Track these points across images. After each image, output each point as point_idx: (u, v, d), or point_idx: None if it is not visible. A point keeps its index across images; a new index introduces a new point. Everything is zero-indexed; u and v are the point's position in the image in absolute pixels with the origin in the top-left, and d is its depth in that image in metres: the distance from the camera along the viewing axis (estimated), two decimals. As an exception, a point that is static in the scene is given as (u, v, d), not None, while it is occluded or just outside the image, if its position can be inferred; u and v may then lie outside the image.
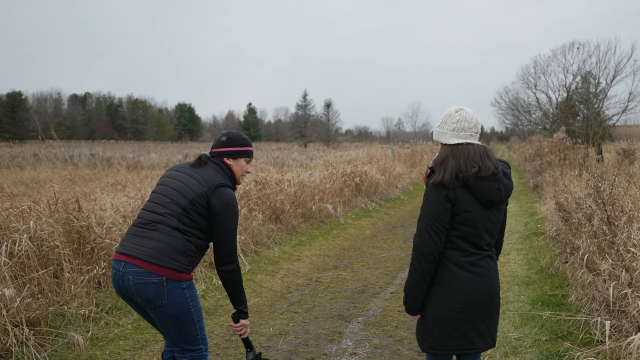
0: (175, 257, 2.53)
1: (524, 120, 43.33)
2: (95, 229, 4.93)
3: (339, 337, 4.22)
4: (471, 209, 2.37)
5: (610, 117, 34.73)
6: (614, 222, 4.48)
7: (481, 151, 2.41)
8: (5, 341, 3.52)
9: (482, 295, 2.41)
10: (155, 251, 2.51)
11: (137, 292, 2.50)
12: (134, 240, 2.58)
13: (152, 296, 2.50)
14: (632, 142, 12.32)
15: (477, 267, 2.41)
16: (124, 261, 2.53)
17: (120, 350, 3.89)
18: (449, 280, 2.41)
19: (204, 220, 2.62)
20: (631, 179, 6.53)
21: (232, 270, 2.66)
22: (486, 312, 2.45)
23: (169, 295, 2.51)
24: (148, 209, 2.66)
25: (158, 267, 2.49)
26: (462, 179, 2.34)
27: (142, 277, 2.49)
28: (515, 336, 4.05)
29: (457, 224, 2.38)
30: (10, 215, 4.41)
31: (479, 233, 2.40)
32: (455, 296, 2.40)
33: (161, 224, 2.57)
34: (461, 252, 2.40)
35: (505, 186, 2.42)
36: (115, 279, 2.57)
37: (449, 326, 2.41)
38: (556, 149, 14.18)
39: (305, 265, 6.65)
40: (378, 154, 18.62)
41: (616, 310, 3.61)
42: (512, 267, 6.19)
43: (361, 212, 10.93)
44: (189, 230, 2.58)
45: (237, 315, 2.77)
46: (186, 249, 2.57)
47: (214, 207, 2.59)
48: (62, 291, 4.26)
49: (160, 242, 2.53)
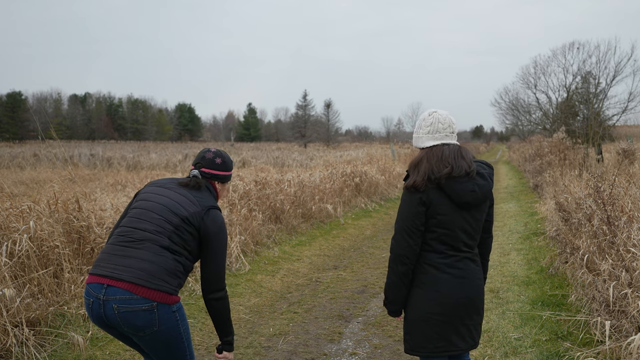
0: (166, 278, 2.28)
1: (524, 120, 43.33)
2: (95, 229, 4.93)
3: (339, 337, 4.22)
4: (446, 211, 2.35)
5: (610, 117, 34.72)
6: (614, 222, 4.48)
7: (455, 151, 2.39)
8: (5, 341, 3.52)
9: (460, 297, 2.40)
10: (144, 272, 2.23)
11: (124, 321, 2.21)
12: (116, 260, 2.27)
13: (142, 325, 2.22)
14: (632, 142, 12.32)
15: (455, 268, 2.39)
16: (106, 284, 2.21)
17: (120, 350, 3.89)
18: (427, 282, 2.40)
19: (194, 241, 2.41)
20: (631, 179, 6.53)
21: (220, 298, 2.47)
22: (466, 314, 2.43)
23: (160, 321, 2.25)
24: (131, 225, 2.37)
25: (148, 290, 2.21)
26: (434, 181, 2.32)
27: (130, 305, 2.19)
28: (515, 336, 4.05)
29: (433, 226, 2.37)
30: (10, 215, 4.41)
31: (456, 235, 2.38)
32: (433, 298, 2.39)
33: (149, 242, 2.31)
34: (438, 254, 2.39)
35: (481, 187, 2.38)
36: (93, 308, 2.23)
37: (428, 328, 2.41)
38: (556, 149, 14.18)
39: (305, 265, 6.65)
40: (378, 154, 18.62)
41: (616, 310, 3.61)
42: (512, 267, 6.19)
43: (361, 212, 10.93)
44: (179, 251, 2.36)
45: (222, 347, 2.53)
46: (176, 269, 2.33)
47: (209, 229, 2.41)
48: (62, 291, 4.26)
49: (149, 262, 2.26)
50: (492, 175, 2.48)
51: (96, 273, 2.28)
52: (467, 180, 2.35)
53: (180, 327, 2.34)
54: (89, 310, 2.28)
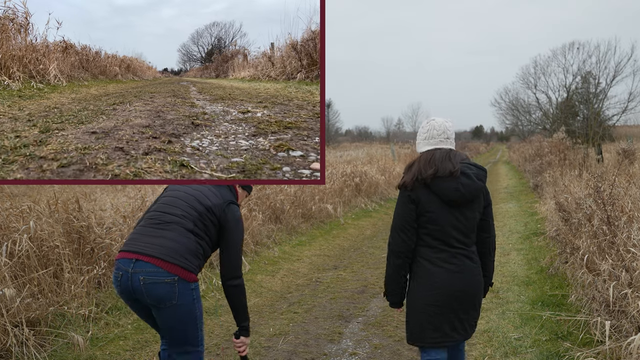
0: (188, 257, 2.54)
1: (524, 120, 43.37)
2: (95, 229, 4.93)
3: (339, 337, 4.22)
4: (434, 208, 2.55)
5: (610, 117, 34.73)
6: (614, 222, 4.48)
7: (444, 154, 2.59)
8: (5, 341, 3.52)
9: (454, 290, 2.56)
10: (170, 250, 2.51)
11: (148, 292, 2.47)
12: (145, 239, 2.56)
13: (163, 296, 2.47)
14: (632, 142, 12.32)
15: (449, 263, 2.57)
16: (135, 259, 2.49)
17: (120, 350, 3.89)
18: (421, 275, 2.60)
19: (214, 229, 2.67)
20: (631, 179, 6.53)
21: (237, 285, 2.69)
22: (460, 307, 2.58)
23: (179, 295, 2.49)
24: (161, 210, 2.68)
25: (172, 265, 2.48)
26: (421, 180, 2.54)
27: (155, 277, 2.46)
28: (515, 336, 4.05)
29: (424, 222, 2.57)
30: (10, 215, 4.41)
31: (446, 230, 2.56)
32: (426, 290, 2.58)
33: (176, 225, 2.59)
34: (431, 249, 2.59)
35: (466, 186, 2.53)
36: (122, 281, 2.51)
37: (423, 319, 2.59)
38: (556, 149, 14.18)
39: (305, 265, 6.65)
40: (378, 154, 18.61)
41: (616, 311, 3.61)
42: (512, 267, 6.19)
43: (361, 212, 10.93)
44: (201, 235, 2.62)
45: (239, 333, 2.76)
46: (197, 251, 2.59)
47: (228, 221, 2.68)
48: (62, 291, 4.26)
49: (175, 241, 2.54)
50: (482, 176, 2.62)
51: (126, 250, 2.55)
52: (451, 180, 2.53)
53: (195, 305, 2.57)
54: (117, 283, 2.54)
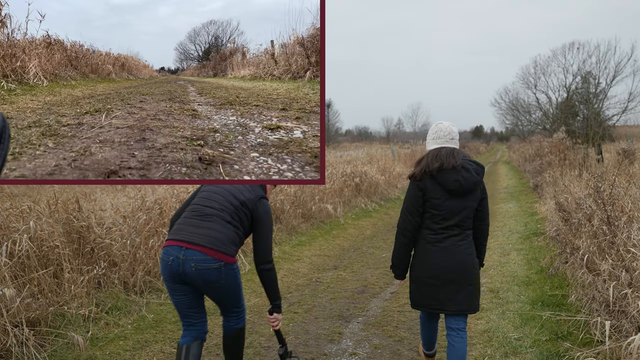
0: (229, 245, 2.93)
1: (524, 120, 43.37)
2: (95, 229, 4.93)
3: (339, 337, 4.22)
4: (438, 196, 3.03)
5: (610, 117, 34.72)
6: (614, 222, 4.48)
7: (449, 152, 3.07)
8: (5, 341, 3.52)
9: (445, 265, 3.04)
10: (215, 239, 2.89)
11: (200, 277, 2.86)
12: (191, 229, 2.93)
13: (213, 279, 2.89)
14: (632, 142, 12.32)
15: (444, 243, 3.05)
16: (185, 247, 2.85)
17: (120, 350, 3.89)
18: (422, 253, 3.11)
19: (247, 220, 3.06)
20: (631, 179, 6.53)
21: (269, 269, 3.07)
22: (455, 281, 3.05)
23: (225, 276, 2.91)
24: (201, 204, 3.05)
25: (217, 253, 2.86)
26: (428, 172, 3.04)
27: (205, 264, 2.84)
28: (515, 336, 4.05)
29: (428, 208, 3.07)
30: (10, 215, 4.41)
31: (446, 216, 3.04)
32: (425, 265, 3.09)
33: (217, 217, 2.98)
34: (431, 231, 3.08)
35: (465, 178, 3.01)
36: (172, 265, 2.86)
37: (423, 288, 3.11)
38: (556, 149, 14.17)
39: (305, 265, 6.65)
40: (378, 154, 18.60)
41: (616, 311, 3.61)
42: (512, 267, 6.19)
43: (361, 212, 10.93)
44: (237, 225, 3.01)
45: (272, 310, 3.16)
46: (235, 239, 2.98)
47: (259, 213, 3.06)
48: (62, 291, 4.26)
49: (218, 231, 2.93)
50: (480, 171, 3.09)
51: (175, 238, 2.91)
52: (453, 173, 3.01)
53: (238, 280, 3.03)
54: (167, 266, 2.90)
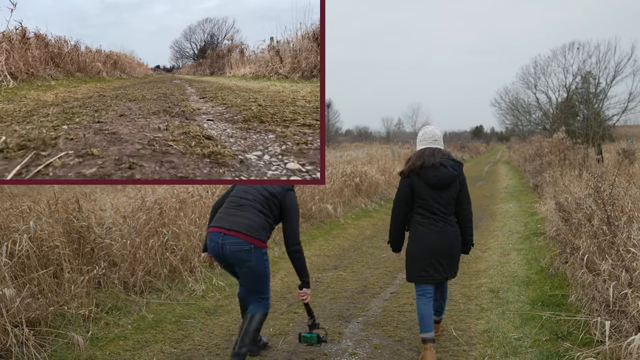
0: (260, 231, 3.44)
1: (524, 120, 43.36)
2: (95, 229, 4.93)
3: (339, 337, 4.22)
4: (422, 190, 3.68)
5: (610, 117, 34.71)
6: (614, 222, 4.48)
7: (431, 151, 3.70)
8: (5, 341, 3.52)
9: (433, 244, 3.69)
10: (247, 226, 3.40)
11: (233, 256, 3.39)
12: (229, 217, 3.46)
13: (244, 259, 3.39)
14: (632, 142, 12.31)
15: (432, 226, 3.70)
16: (223, 233, 3.40)
17: (120, 350, 3.89)
18: (414, 233, 3.77)
19: (277, 209, 3.57)
20: (631, 179, 6.53)
21: (297, 250, 3.57)
22: (438, 256, 3.71)
23: (255, 258, 3.40)
24: (238, 195, 3.58)
25: (249, 237, 3.38)
26: (414, 170, 3.68)
27: (238, 246, 3.37)
28: (515, 336, 4.05)
29: (417, 198, 3.72)
30: (10, 215, 4.41)
31: (430, 204, 3.69)
32: (417, 243, 3.74)
33: (250, 207, 3.49)
34: (421, 216, 3.74)
35: (443, 174, 3.65)
36: (215, 249, 3.44)
37: (415, 262, 3.76)
38: (556, 149, 14.17)
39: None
40: (378, 154, 18.59)
41: (616, 311, 3.61)
42: (512, 267, 6.19)
43: (361, 212, 10.93)
44: (268, 214, 3.52)
45: (302, 285, 3.65)
46: (265, 226, 3.49)
47: (286, 204, 3.58)
48: (62, 291, 4.26)
49: (250, 219, 3.44)
50: (457, 167, 3.72)
51: (216, 225, 3.47)
52: (433, 170, 3.65)
53: (265, 264, 3.49)
54: (212, 250, 3.45)
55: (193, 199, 6.38)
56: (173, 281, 5.28)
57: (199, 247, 5.79)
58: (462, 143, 48.54)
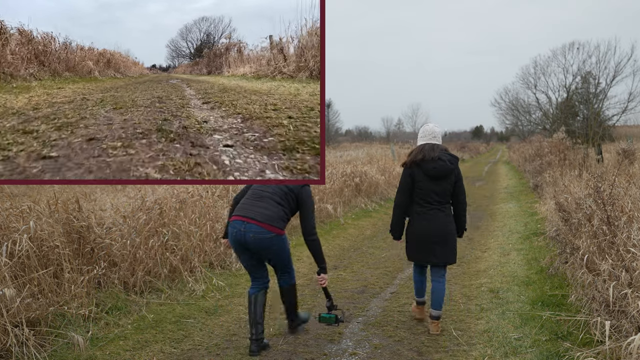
0: (279, 221, 3.82)
1: (523, 120, 43.37)
2: (95, 229, 4.93)
3: (339, 337, 4.22)
4: (422, 180, 4.16)
5: (610, 118, 34.71)
6: (614, 222, 4.48)
7: (430, 146, 4.18)
8: (5, 341, 3.52)
9: (427, 230, 4.18)
10: (268, 216, 3.78)
11: (256, 244, 3.76)
12: (251, 208, 3.82)
13: (266, 246, 3.79)
14: (632, 142, 12.31)
15: (427, 214, 4.19)
16: (245, 221, 3.75)
17: (120, 350, 3.89)
18: (413, 221, 4.26)
19: (293, 202, 3.95)
20: (631, 179, 6.53)
21: (314, 240, 3.95)
22: (435, 241, 4.18)
23: (277, 243, 3.82)
24: (259, 188, 3.94)
25: (270, 226, 3.76)
26: (415, 162, 4.16)
27: (260, 235, 3.74)
28: (515, 336, 4.05)
29: (416, 189, 4.19)
30: (10, 216, 4.41)
31: (429, 194, 4.17)
32: (414, 230, 4.25)
33: (269, 199, 3.86)
34: (419, 206, 4.22)
35: (441, 166, 4.12)
36: (237, 236, 3.77)
37: (413, 246, 4.29)
38: (556, 149, 14.17)
39: (305, 265, 6.64)
40: (378, 154, 18.59)
41: (616, 311, 3.61)
42: (512, 267, 6.19)
43: (361, 212, 10.93)
44: (285, 206, 3.90)
45: (320, 271, 4.01)
46: (284, 217, 3.87)
47: (303, 197, 3.95)
48: (62, 291, 4.26)
49: (270, 210, 3.81)
50: (453, 161, 4.19)
51: (239, 214, 3.81)
52: (432, 162, 4.13)
53: (286, 247, 3.94)
54: (234, 236, 3.79)
55: (193, 199, 6.38)
56: (173, 281, 5.28)
57: (199, 247, 5.79)
58: (462, 143, 48.53)
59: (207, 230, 6.08)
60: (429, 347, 3.98)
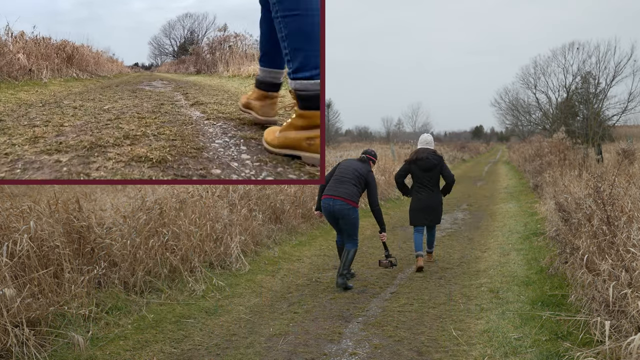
0: (355, 198, 5.55)
1: (523, 120, 43.39)
2: (95, 229, 4.93)
3: (339, 337, 4.22)
4: (417, 171, 6.49)
5: (610, 118, 34.72)
6: (613, 222, 4.48)
7: (423, 150, 6.53)
8: (6, 341, 3.52)
9: (422, 204, 6.48)
10: (348, 194, 5.51)
11: (341, 213, 5.50)
12: (336, 188, 5.53)
13: (346, 214, 5.50)
14: (632, 142, 12.31)
15: (422, 193, 6.49)
16: (333, 198, 5.49)
17: (120, 350, 3.89)
18: (413, 197, 6.58)
19: (363, 183, 5.67)
20: (631, 179, 6.53)
21: (378, 210, 5.76)
22: (427, 211, 6.48)
23: (353, 213, 5.54)
24: (339, 174, 5.66)
25: (350, 201, 5.49)
26: (412, 160, 6.50)
27: (344, 207, 5.48)
28: (515, 336, 4.06)
29: (414, 177, 6.53)
30: (11, 216, 4.41)
31: (421, 180, 6.49)
32: (413, 204, 6.55)
33: (349, 182, 5.57)
34: (417, 187, 6.53)
35: (427, 162, 6.43)
36: (328, 208, 5.52)
37: (413, 214, 6.55)
38: (556, 149, 14.17)
39: (305, 265, 6.65)
40: (378, 154, 18.56)
41: (616, 311, 3.61)
42: (512, 267, 6.20)
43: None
44: (358, 186, 5.61)
45: (381, 230, 5.88)
46: (357, 194, 5.59)
47: (369, 179, 5.70)
48: (62, 291, 4.26)
49: (349, 190, 5.53)
50: (438, 159, 6.54)
51: (329, 193, 5.56)
52: (422, 160, 6.44)
53: (358, 218, 5.63)
54: (325, 208, 5.58)
55: (193, 199, 6.39)
56: (173, 281, 5.28)
57: (199, 247, 5.80)
58: (462, 143, 48.48)
59: (207, 230, 6.08)
60: (429, 347, 3.98)
